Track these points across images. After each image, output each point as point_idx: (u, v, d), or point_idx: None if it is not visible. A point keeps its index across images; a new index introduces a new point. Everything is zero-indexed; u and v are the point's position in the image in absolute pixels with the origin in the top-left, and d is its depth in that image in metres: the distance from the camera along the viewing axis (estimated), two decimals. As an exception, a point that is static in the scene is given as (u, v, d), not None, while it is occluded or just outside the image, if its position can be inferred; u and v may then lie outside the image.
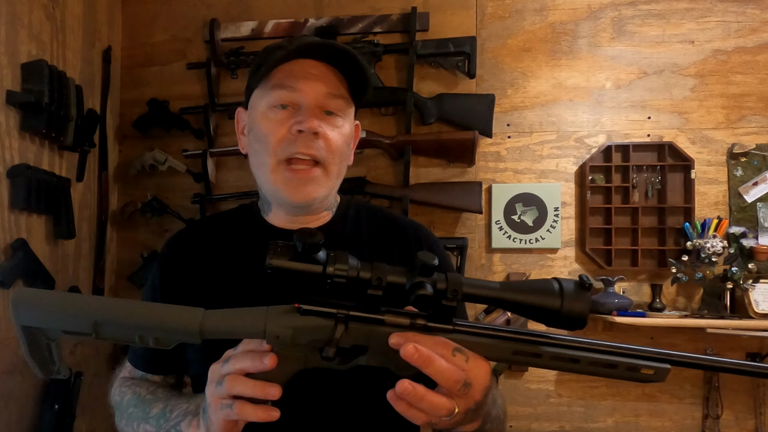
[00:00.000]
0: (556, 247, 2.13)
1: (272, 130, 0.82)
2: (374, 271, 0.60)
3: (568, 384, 2.12)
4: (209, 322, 0.62)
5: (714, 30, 2.11)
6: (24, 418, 1.76)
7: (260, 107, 0.84)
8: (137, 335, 0.62)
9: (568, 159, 2.16)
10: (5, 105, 1.68)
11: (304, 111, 0.81)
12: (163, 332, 0.62)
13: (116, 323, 0.62)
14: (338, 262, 0.60)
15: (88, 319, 0.61)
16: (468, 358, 0.61)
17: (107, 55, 2.23)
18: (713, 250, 1.91)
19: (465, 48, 2.12)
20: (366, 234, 0.92)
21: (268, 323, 0.62)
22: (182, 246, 0.93)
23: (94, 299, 0.64)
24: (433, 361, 0.58)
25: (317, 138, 0.81)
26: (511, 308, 0.62)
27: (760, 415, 2.00)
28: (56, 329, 0.62)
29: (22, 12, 1.75)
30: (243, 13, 2.31)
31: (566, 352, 0.62)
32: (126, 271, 2.26)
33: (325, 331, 0.61)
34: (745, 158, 2.05)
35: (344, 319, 0.61)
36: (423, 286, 0.59)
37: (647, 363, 0.61)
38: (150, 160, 2.23)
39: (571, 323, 0.60)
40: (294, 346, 0.62)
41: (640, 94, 2.14)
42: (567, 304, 0.59)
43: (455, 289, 0.60)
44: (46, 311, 0.62)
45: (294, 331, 0.61)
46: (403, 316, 0.62)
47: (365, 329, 0.62)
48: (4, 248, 1.68)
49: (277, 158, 0.82)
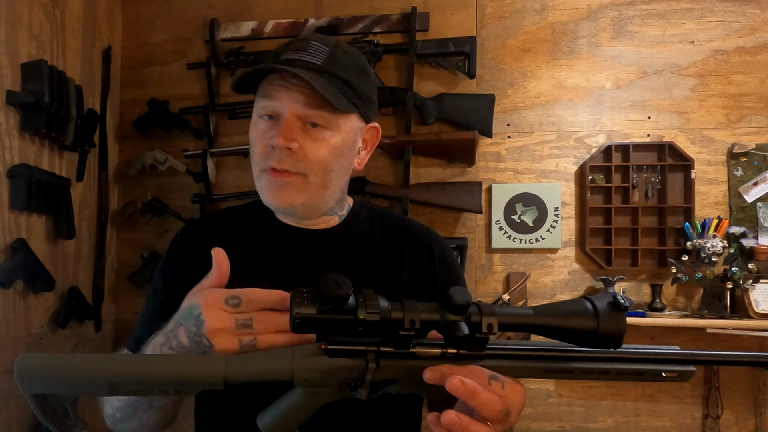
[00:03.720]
0: (556, 247, 2.13)
1: (257, 140, 0.84)
2: (406, 312, 0.57)
3: (568, 384, 2.12)
4: (233, 370, 0.59)
5: (714, 30, 2.11)
6: (24, 418, 1.76)
7: (254, 115, 0.86)
8: (157, 390, 0.60)
9: (568, 159, 2.16)
10: (5, 105, 1.68)
11: (280, 124, 0.80)
12: (184, 385, 0.59)
13: (133, 382, 0.59)
14: (368, 307, 0.57)
15: (103, 383, 0.58)
16: (504, 384, 0.60)
17: (107, 55, 2.23)
18: (713, 250, 1.91)
19: (465, 48, 2.12)
20: (378, 238, 0.92)
21: (296, 367, 0.60)
22: (197, 235, 0.93)
23: (106, 359, 0.61)
24: (478, 394, 0.58)
25: (291, 152, 0.80)
26: (547, 333, 0.61)
27: (760, 415, 2.00)
28: (70, 394, 0.59)
29: (22, 12, 1.75)
30: (243, 13, 2.31)
31: (596, 366, 0.62)
32: (126, 271, 2.26)
33: (356, 370, 0.59)
34: (745, 158, 2.05)
35: (375, 358, 0.59)
36: (457, 327, 0.57)
37: (672, 368, 0.62)
38: (150, 160, 2.23)
39: (607, 343, 0.60)
40: (323, 386, 0.61)
41: (640, 94, 2.14)
42: (603, 324, 0.59)
43: (490, 323, 0.58)
44: (57, 379, 0.58)
45: (323, 374, 0.60)
46: (434, 347, 0.60)
47: (397, 365, 0.60)
48: (4, 248, 1.68)
49: (258, 167, 0.84)
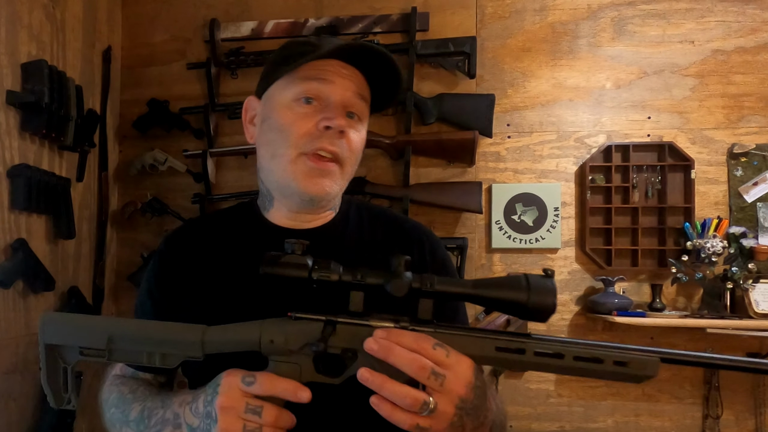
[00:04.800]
0: (556, 247, 2.13)
1: (295, 122, 0.81)
2: (355, 273, 0.66)
3: (568, 384, 2.12)
4: (209, 337, 0.68)
5: (714, 30, 2.11)
6: (24, 418, 1.76)
7: (282, 98, 0.83)
8: (145, 352, 0.69)
9: (568, 159, 2.16)
10: (5, 105, 1.68)
11: (331, 108, 0.81)
12: (169, 346, 0.68)
13: (128, 338, 0.69)
14: (322, 269, 0.66)
15: (103, 335, 0.68)
16: (449, 353, 0.63)
17: (107, 55, 2.23)
18: (713, 250, 1.91)
19: (465, 48, 2.12)
20: (367, 236, 0.91)
21: (263, 332, 0.67)
22: (181, 244, 0.92)
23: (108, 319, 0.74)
24: (392, 350, 0.62)
25: (342, 137, 0.81)
26: (483, 303, 0.66)
27: (760, 415, 2.00)
28: (74, 346, 0.70)
29: (22, 12, 1.75)
30: (243, 13, 2.31)
31: (550, 346, 0.64)
32: (126, 271, 2.26)
33: (315, 333, 0.66)
34: (745, 158, 2.05)
35: (333, 322, 0.66)
36: (400, 286, 0.65)
37: (635, 355, 0.63)
38: (150, 160, 2.23)
39: (538, 314, 0.64)
40: (288, 353, 0.66)
41: (640, 94, 2.14)
42: (533, 297, 0.63)
43: (431, 282, 0.65)
44: (68, 329, 0.70)
45: (286, 335, 0.66)
46: (387, 319, 0.66)
47: (352, 330, 0.66)
48: (4, 248, 1.68)
49: (298, 150, 0.81)
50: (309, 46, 0.83)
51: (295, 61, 0.81)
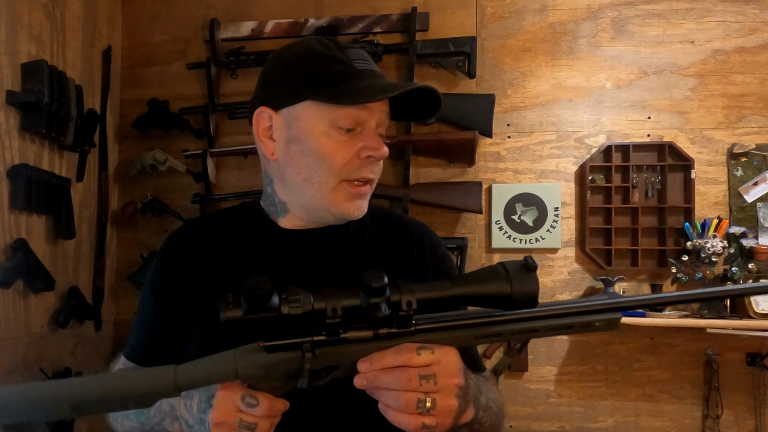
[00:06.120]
0: (556, 247, 2.13)
1: (337, 152, 0.80)
2: (328, 301, 0.60)
3: (568, 384, 2.12)
4: (182, 377, 0.63)
5: (714, 30, 2.11)
6: (24, 418, 1.76)
7: (318, 123, 0.80)
8: (118, 405, 0.63)
9: (568, 159, 2.16)
10: (5, 105, 1.68)
11: (370, 135, 0.82)
12: (140, 397, 0.63)
13: (92, 401, 0.62)
14: (291, 302, 0.60)
15: (64, 404, 0.61)
16: (434, 350, 0.63)
17: (107, 55, 2.23)
18: (713, 250, 1.91)
19: (465, 48, 2.12)
20: (368, 235, 0.91)
21: (239, 367, 0.63)
22: (184, 243, 0.92)
23: (63, 383, 0.64)
24: (378, 378, 0.62)
25: (378, 162, 0.84)
26: (466, 302, 0.64)
27: (760, 415, 2.00)
28: (38, 420, 0.63)
29: (22, 12, 1.75)
30: (243, 13, 2.31)
31: (525, 326, 0.65)
32: (126, 271, 2.26)
33: (295, 362, 0.63)
34: (745, 158, 2.05)
35: (311, 347, 0.63)
36: (378, 308, 0.61)
37: (599, 317, 0.65)
38: (150, 160, 2.23)
39: (523, 304, 0.63)
40: (269, 381, 0.64)
41: (640, 94, 2.14)
42: (516, 286, 0.62)
43: (409, 301, 0.61)
44: (23, 407, 0.62)
45: (265, 369, 0.63)
46: (365, 330, 0.63)
47: (332, 351, 0.63)
48: (4, 248, 1.68)
49: (339, 178, 0.82)
50: (341, 65, 0.79)
51: (331, 84, 0.79)
